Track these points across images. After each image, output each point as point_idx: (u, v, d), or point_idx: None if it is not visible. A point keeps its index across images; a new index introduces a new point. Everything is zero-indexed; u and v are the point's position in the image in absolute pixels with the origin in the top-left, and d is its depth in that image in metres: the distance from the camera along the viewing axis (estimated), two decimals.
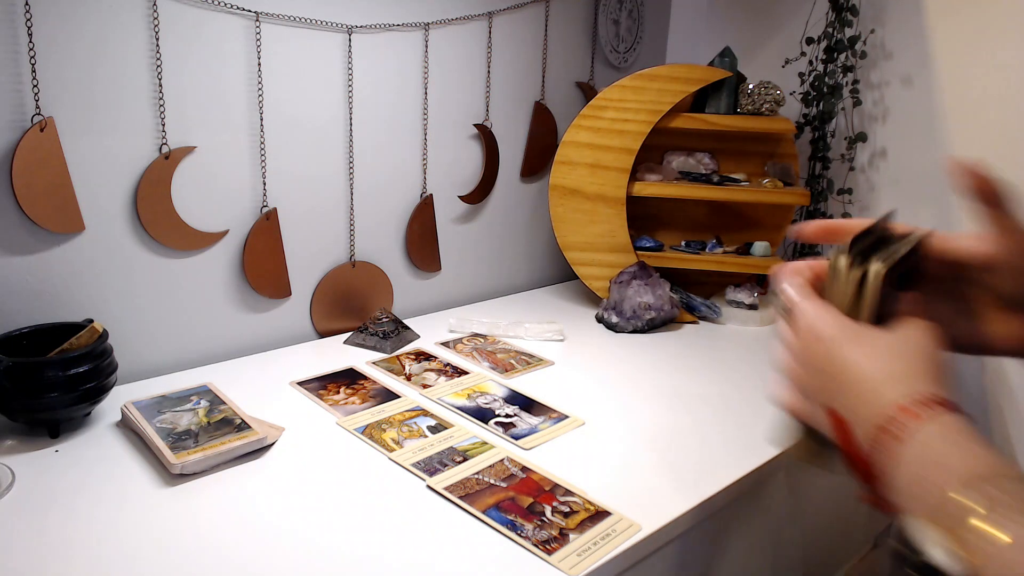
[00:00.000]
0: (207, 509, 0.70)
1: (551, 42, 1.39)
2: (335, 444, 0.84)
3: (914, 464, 0.41)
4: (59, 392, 0.78)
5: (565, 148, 1.30)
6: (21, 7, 0.82)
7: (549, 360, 1.11)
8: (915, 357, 0.47)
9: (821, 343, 0.49)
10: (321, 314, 1.17)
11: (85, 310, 0.93)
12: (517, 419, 0.91)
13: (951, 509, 0.38)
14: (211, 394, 0.91)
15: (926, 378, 0.45)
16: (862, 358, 0.47)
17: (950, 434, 0.41)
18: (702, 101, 1.32)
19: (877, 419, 0.44)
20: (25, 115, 0.84)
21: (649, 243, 1.35)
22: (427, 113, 1.23)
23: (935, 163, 1.32)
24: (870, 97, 1.39)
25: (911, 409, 0.43)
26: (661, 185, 1.31)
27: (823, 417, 0.50)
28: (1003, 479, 0.38)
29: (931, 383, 0.45)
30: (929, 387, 0.44)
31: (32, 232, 0.88)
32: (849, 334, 0.48)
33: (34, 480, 0.74)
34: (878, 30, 1.36)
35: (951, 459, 0.40)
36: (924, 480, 0.41)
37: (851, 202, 1.43)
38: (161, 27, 0.92)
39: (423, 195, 1.26)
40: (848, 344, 0.48)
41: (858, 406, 0.46)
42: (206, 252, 1.03)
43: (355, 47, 1.11)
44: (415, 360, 1.08)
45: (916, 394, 0.44)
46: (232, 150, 1.02)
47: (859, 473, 0.47)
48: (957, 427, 0.41)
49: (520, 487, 0.75)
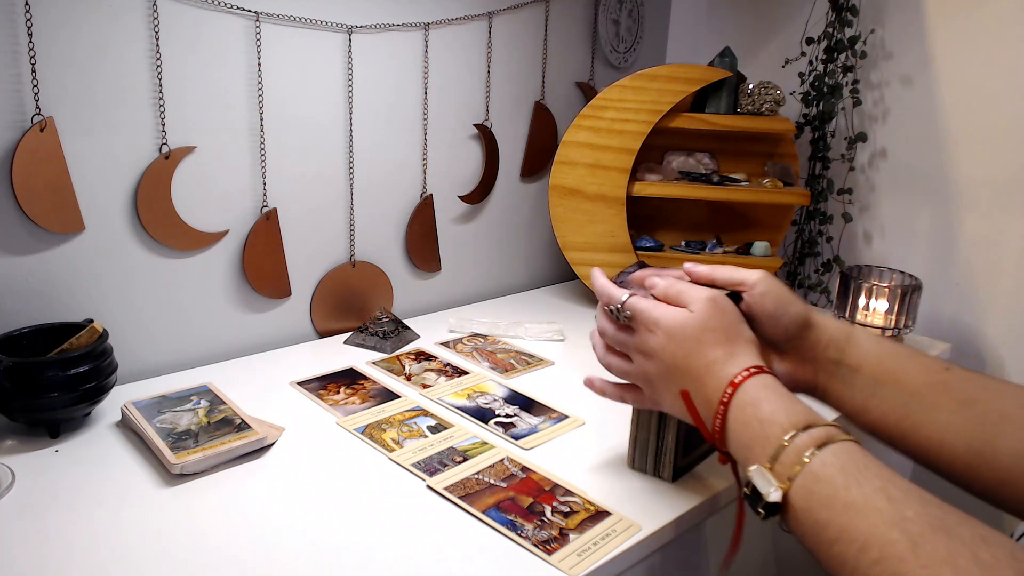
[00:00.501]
0: (207, 509, 0.70)
1: (551, 42, 1.39)
2: (335, 444, 0.84)
3: (742, 418, 0.57)
4: (59, 392, 0.78)
5: (565, 148, 1.30)
6: (21, 7, 0.82)
7: (549, 360, 1.11)
8: (736, 337, 0.62)
9: (665, 339, 0.64)
10: (321, 314, 1.17)
11: (85, 310, 0.93)
12: (517, 419, 0.91)
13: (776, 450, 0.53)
14: (211, 394, 0.91)
15: (745, 352, 0.61)
16: (697, 347, 0.62)
17: (764, 393, 0.57)
18: (702, 101, 1.32)
19: (716, 396, 0.59)
20: (25, 115, 0.84)
21: (649, 243, 1.35)
22: (427, 113, 1.23)
23: (935, 163, 1.32)
24: (870, 97, 1.39)
25: (736, 382, 0.58)
26: (661, 185, 1.31)
27: (676, 400, 0.64)
28: (814, 423, 0.54)
29: (749, 356, 0.61)
30: (748, 359, 0.60)
31: (32, 232, 0.88)
32: (684, 325, 0.63)
33: (34, 480, 0.74)
34: (878, 30, 1.36)
35: (771, 413, 0.56)
36: (753, 432, 0.56)
37: (851, 202, 1.43)
38: (161, 27, 0.92)
39: (423, 195, 1.26)
40: (685, 335, 0.63)
41: (701, 388, 0.61)
42: (206, 252, 1.03)
43: (355, 47, 1.11)
44: (415, 360, 1.08)
45: (740, 371, 0.59)
46: (232, 150, 1.02)
47: (707, 438, 0.62)
48: (765, 387, 0.58)
49: (520, 487, 0.75)
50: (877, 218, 1.41)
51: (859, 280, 1.18)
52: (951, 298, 1.33)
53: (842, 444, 0.52)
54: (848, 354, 0.68)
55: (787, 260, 1.48)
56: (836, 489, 0.49)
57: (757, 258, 1.32)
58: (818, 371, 0.70)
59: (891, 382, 0.66)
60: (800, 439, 0.52)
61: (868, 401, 0.66)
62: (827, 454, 0.51)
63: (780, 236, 1.38)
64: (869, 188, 1.41)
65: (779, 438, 0.53)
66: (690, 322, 0.63)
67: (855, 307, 1.18)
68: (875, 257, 1.42)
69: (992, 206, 1.26)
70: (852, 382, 0.68)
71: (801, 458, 0.51)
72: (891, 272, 1.21)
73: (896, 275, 1.20)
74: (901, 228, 1.38)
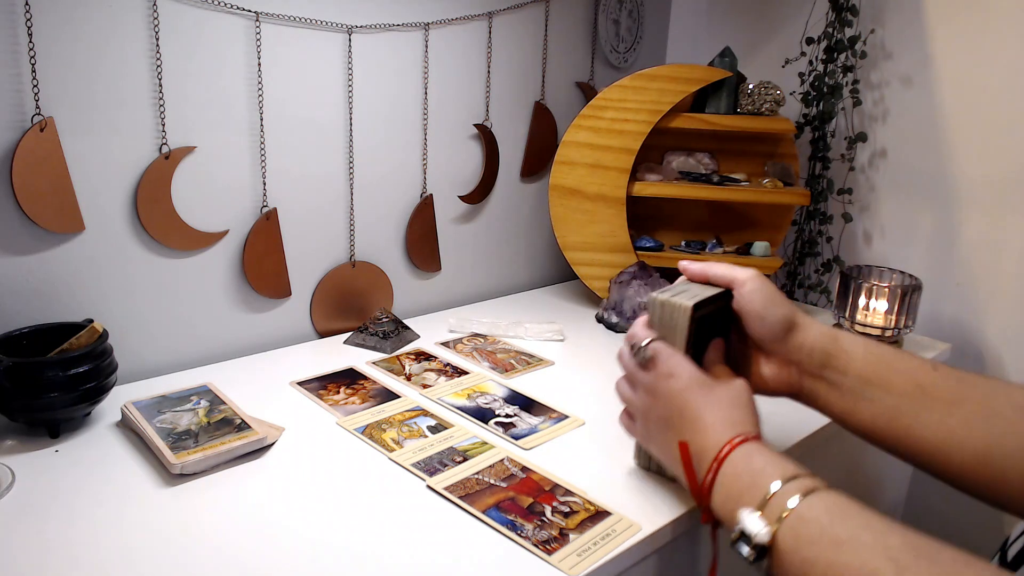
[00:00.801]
0: (207, 509, 0.70)
1: (551, 42, 1.39)
2: (335, 444, 0.84)
3: (733, 471, 0.59)
4: (59, 392, 0.78)
5: (565, 148, 1.30)
6: (21, 7, 0.82)
7: (549, 360, 1.11)
8: (741, 407, 0.64)
9: (679, 389, 0.66)
10: (321, 314, 1.17)
11: (85, 310, 0.93)
12: (517, 419, 0.91)
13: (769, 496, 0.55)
14: (211, 394, 0.91)
15: (747, 423, 0.63)
16: (707, 406, 0.64)
17: (758, 451, 0.60)
18: (702, 101, 1.32)
19: (713, 452, 0.61)
20: (25, 115, 0.84)
21: (649, 243, 1.35)
22: (427, 113, 1.23)
23: (935, 163, 1.32)
24: (870, 97, 1.39)
25: (735, 443, 0.60)
26: (661, 185, 1.31)
27: (668, 444, 0.67)
28: (802, 475, 0.56)
29: (750, 426, 0.63)
30: (749, 429, 0.62)
31: (32, 232, 0.88)
32: (700, 384, 0.65)
33: (34, 480, 0.74)
34: (878, 30, 1.36)
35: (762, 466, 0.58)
36: (743, 483, 0.58)
37: (851, 202, 1.43)
38: (161, 27, 0.92)
39: (423, 195, 1.26)
40: (699, 392, 0.65)
41: (701, 441, 0.63)
42: (206, 252, 1.03)
43: (355, 47, 1.11)
44: (415, 360, 1.08)
45: (740, 434, 0.61)
46: (232, 150, 1.02)
47: (693, 491, 0.64)
48: (761, 447, 0.60)
49: (520, 487, 0.75)
50: (877, 218, 1.41)
51: (859, 280, 1.18)
52: (951, 298, 1.33)
53: (827, 492, 0.54)
54: (835, 356, 0.68)
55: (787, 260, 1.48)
56: (822, 527, 0.50)
57: (757, 258, 1.32)
58: (803, 373, 0.70)
59: (879, 385, 0.66)
60: (788, 487, 0.55)
61: (857, 404, 0.67)
62: (813, 499, 0.53)
63: (780, 236, 1.38)
64: (869, 188, 1.41)
65: (768, 487, 0.55)
66: (710, 380, 0.67)
67: (855, 307, 1.18)
68: (875, 257, 1.42)
69: (992, 206, 1.26)
70: (839, 384, 0.68)
71: (788, 503, 0.53)
72: (891, 272, 1.21)
73: (896, 275, 1.20)
74: (901, 228, 1.38)
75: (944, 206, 1.32)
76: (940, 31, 1.30)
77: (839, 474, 1.10)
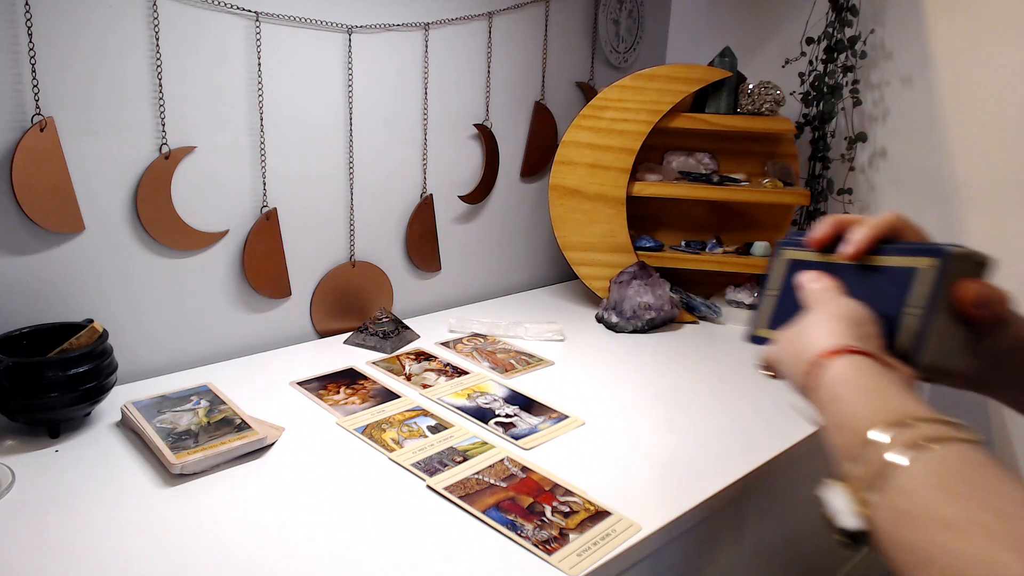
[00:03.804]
0: (207, 509, 0.70)
1: (551, 42, 1.39)
2: (335, 444, 0.84)
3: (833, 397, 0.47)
4: (59, 392, 0.78)
5: (565, 148, 1.30)
6: (21, 7, 0.82)
7: (549, 360, 1.11)
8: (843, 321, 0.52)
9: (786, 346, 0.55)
10: (321, 314, 1.17)
11: (85, 310, 0.93)
12: (517, 419, 0.91)
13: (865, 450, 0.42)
14: (211, 394, 0.91)
15: (847, 334, 0.50)
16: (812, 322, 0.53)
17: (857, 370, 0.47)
18: (702, 101, 1.32)
19: (809, 361, 0.50)
20: (25, 115, 0.84)
21: (649, 243, 1.35)
22: (427, 113, 1.23)
23: (935, 163, 1.32)
24: (870, 97, 1.39)
25: (829, 352, 0.49)
26: (661, 185, 1.31)
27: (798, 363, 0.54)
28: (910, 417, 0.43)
29: (850, 338, 0.50)
30: (847, 340, 0.50)
31: (32, 232, 0.88)
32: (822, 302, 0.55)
33: (34, 480, 0.74)
34: (878, 30, 1.36)
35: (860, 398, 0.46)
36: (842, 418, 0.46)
37: (851, 202, 1.43)
38: (161, 27, 0.92)
39: (423, 195, 1.26)
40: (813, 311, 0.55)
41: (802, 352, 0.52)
42: (206, 252, 1.03)
43: (355, 47, 1.11)
44: (415, 360, 1.08)
45: (836, 345, 0.49)
46: (232, 150, 1.02)
47: None
48: (861, 364, 0.48)
49: (520, 487, 0.75)
50: None
51: None
52: None
53: (946, 447, 0.40)
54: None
55: None
56: (926, 503, 0.38)
57: (757, 258, 1.32)
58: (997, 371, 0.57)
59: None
60: (886, 444, 0.42)
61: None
62: (920, 463, 0.40)
63: (780, 236, 1.38)
64: (869, 188, 1.41)
65: (863, 435, 0.43)
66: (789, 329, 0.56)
67: None
68: None
69: (992, 205, 1.26)
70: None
71: (886, 467, 0.41)
72: None
73: None
74: None
75: (944, 206, 1.31)
76: (940, 31, 1.30)
77: None
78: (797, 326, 0.54)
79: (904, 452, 0.40)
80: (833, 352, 0.49)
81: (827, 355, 0.49)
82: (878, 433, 0.42)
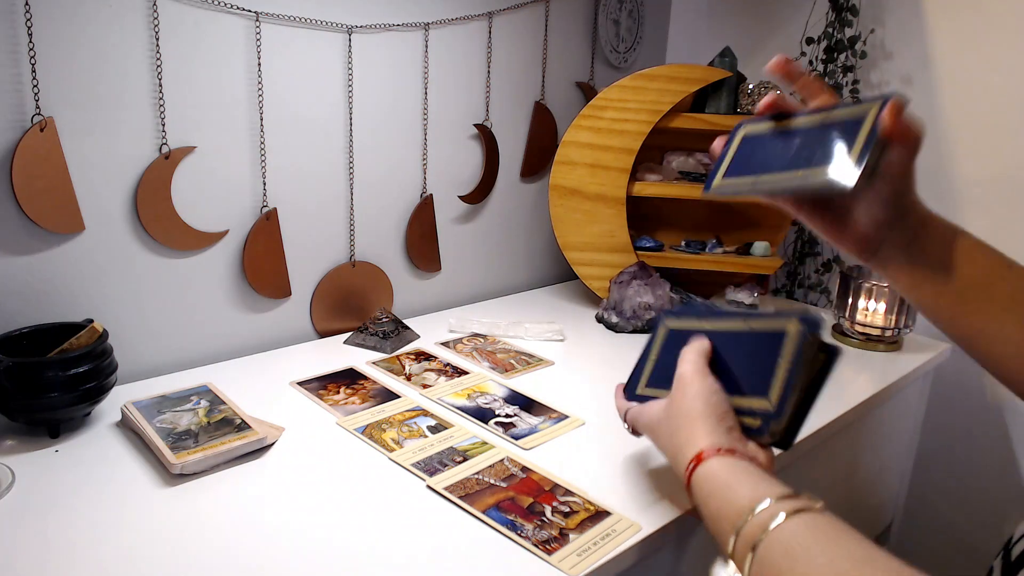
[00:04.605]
0: (207, 509, 0.70)
1: (551, 42, 1.39)
2: (335, 444, 0.84)
3: (704, 488, 0.57)
4: (59, 392, 0.78)
5: (565, 148, 1.30)
6: (21, 7, 0.82)
7: (549, 360, 1.11)
8: (708, 420, 0.62)
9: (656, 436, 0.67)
10: (321, 314, 1.17)
11: (85, 310, 0.93)
12: (517, 419, 0.91)
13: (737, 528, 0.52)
14: (211, 394, 0.91)
15: (713, 435, 0.60)
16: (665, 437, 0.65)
17: (723, 468, 0.57)
18: (702, 101, 1.32)
19: (684, 466, 0.60)
20: (25, 115, 0.84)
21: (649, 243, 1.35)
22: (427, 113, 1.23)
23: (935, 163, 1.32)
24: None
25: (698, 457, 0.59)
26: (661, 185, 1.31)
27: None
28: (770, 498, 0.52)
29: (715, 437, 0.60)
30: (712, 441, 0.60)
31: (32, 232, 0.88)
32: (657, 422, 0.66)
33: (34, 480, 0.74)
34: (878, 30, 1.36)
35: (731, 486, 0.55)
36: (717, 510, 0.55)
37: None
38: (161, 27, 0.92)
39: (423, 195, 1.26)
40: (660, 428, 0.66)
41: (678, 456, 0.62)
42: (206, 252, 1.03)
43: (355, 47, 1.11)
44: (415, 360, 1.08)
45: (703, 448, 0.59)
46: (232, 150, 1.02)
47: None
48: (732, 463, 0.58)
49: (520, 487, 0.75)
50: None
51: (859, 280, 1.18)
52: None
53: (800, 515, 0.50)
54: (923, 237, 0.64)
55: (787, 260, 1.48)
56: (792, 560, 0.47)
57: (757, 258, 1.32)
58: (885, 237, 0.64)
59: (951, 273, 0.63)
60: (755, 519, 0.51)
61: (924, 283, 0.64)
62: (782, 528, 0.49)
63: (780, 236, 1.38)
64: None
65: (736, 521, 0.52)
66: (660, 414, 0.66)
67: (855, 307, 1.18)
68: None
69: (992, 205, 1.26)
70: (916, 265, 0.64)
71: (754, 539, 0.50)
72: None
73: None
74: None
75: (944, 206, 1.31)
76: (940, 31, 1.30)
77: (839, 474, 1.10)
78: (670, 422, 0.64)
79: (770, 521, 0.50)
80: (698, 458, 0.59)
81: (697, 461, 0.59)
82: (751, 511, 0.51)
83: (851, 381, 1.07)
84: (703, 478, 0.57)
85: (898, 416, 1.23)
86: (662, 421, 0.65)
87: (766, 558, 0.48)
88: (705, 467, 0.58)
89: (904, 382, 1.11)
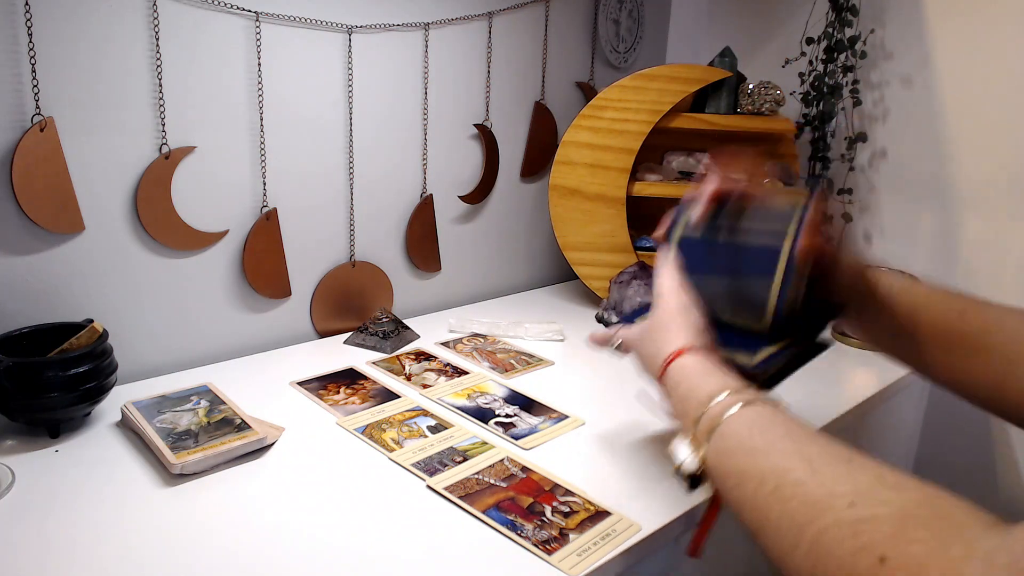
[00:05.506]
0: (207, 509, 0.70)
1: (551, 42, 1.39)
2: (335, 444, 0.84)
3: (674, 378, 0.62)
4: (59, 392, 0.78)
5: (565, 148, 1.30)
6: (21, 7, 0.82)
7: (549, 360, 1.11)
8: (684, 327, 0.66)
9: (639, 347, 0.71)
10: (321, 314, 1.17)
11: (85, 310, 0.93)
12: (517, 419, 0.91)
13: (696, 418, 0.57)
14: (211, 394, 0.91)
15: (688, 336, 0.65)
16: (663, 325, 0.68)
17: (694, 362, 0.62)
18: (702, 101, 1.32)
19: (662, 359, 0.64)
20: (25, 115, 0.84)
21: (649, 243, 1.35)
22: (427, 113, 1.23)
23: (935, 163, 1.32)
24: (870, 97, 1.39)
25: (675, 354, 0.63)
26: (661, 185, 1.31)
27: None
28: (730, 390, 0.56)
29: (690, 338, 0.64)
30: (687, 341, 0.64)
31: (32, 232, 0.88)
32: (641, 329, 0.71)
33: (34, 480, 0.74)
34: (878, 30, 1.36)
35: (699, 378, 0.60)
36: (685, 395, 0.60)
37: (851, 202, 1.43)
38: (161, 27, 0.92)
39: (423, 195, 1.26)
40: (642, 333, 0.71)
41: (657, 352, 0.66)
42: (206, 252, 1.03)
43: (355, 47, 1.11)
44: (415, 360, 1.08)
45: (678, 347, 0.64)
46: (232, 150, 1.02)
47: None
48: (702, 360, 0.62)
49: (520, 487, 0.75)
50: (877, 218, 1.41)
51: None
52: None
53: (755, 405, 0.54)
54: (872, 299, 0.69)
55: None
56: (740, 440, 0.52)
57: None
58: None
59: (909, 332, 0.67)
60: (714, 407, 0.55)
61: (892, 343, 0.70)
62: (737, 416, 0.54)
63: None
64: (869, 188, 1.41)
65: (698, 409, 0.57)
66: (643, 329, 0.70)
67: None
68: (876, 257, 1.42)
69: (993, 206, 1.26)
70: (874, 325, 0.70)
71: (715, 421, 0.54)
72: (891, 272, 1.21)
73: None
74: (901, 228, 1.38)
75: (944, 206, 1.31)
76: (940, 31, 1.30)
77: None
78: (652, 327, 0.69)
79: (727, 409, 0.54)
80: (677, 353, 0.63)
81: (674, 356, 0.63)
82: (712, 400, 0.56)
83: (851, 381, 1.07)
84: (675, 370, 0.62)
85: (898, 417, 1.23)
86: (644, 333, 0.70)
87: (720, 445, 0.53)
88: (678, 361, 0.63)
89: (904, 383, 1.11)
